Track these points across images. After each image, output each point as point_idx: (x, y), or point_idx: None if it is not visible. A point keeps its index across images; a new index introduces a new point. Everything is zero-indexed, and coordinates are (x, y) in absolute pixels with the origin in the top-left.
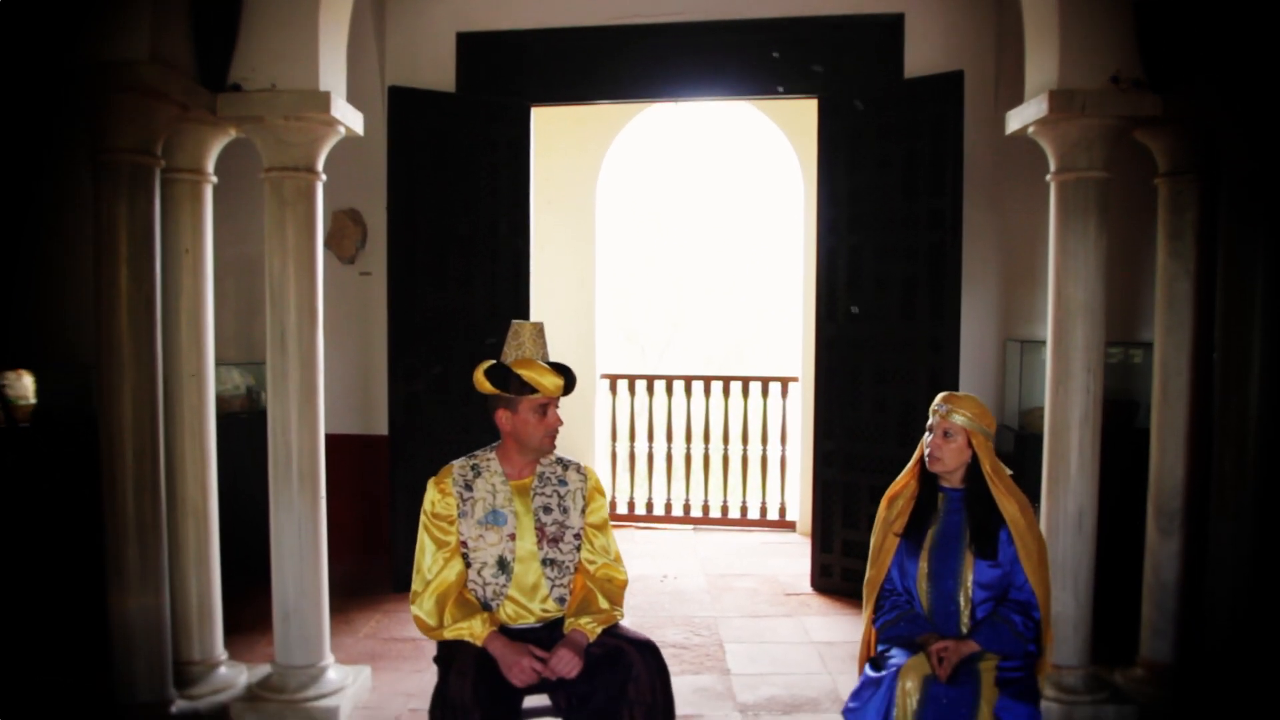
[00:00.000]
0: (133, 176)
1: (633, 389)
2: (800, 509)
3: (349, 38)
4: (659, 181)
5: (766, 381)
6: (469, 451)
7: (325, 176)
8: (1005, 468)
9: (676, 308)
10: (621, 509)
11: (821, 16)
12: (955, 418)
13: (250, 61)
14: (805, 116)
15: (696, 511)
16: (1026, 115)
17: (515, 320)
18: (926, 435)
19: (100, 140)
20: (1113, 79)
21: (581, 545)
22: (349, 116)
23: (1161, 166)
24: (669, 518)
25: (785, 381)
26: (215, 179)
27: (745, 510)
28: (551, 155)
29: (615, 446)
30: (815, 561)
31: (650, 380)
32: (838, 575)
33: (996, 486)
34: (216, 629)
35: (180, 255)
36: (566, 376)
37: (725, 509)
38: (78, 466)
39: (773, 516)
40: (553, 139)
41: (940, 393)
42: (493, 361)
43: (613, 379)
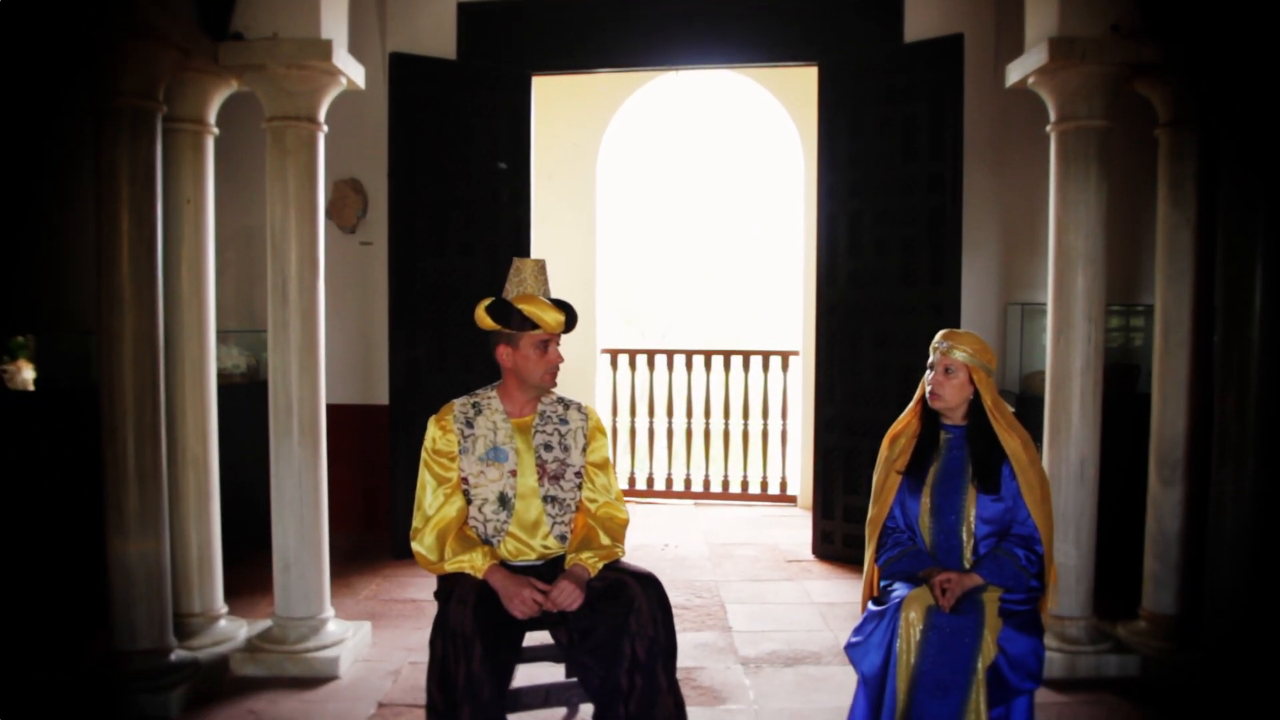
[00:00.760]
0: (134, 120)
1: (633, 364)
2: (801, 483)
3: (350, 5)
4: (658, 160)
5: (767, 356)
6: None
7: (326, 128)
8: (1007, 405)
9: (676, 291)
10: (622, 484)
11: None
12: (956, 354)
13: (252, 11)
14: (805, 87)
15: (698, 486)
16: (1027, 65)
17: (517, 257)
18: (928, 373)
19: (102, 85)
20: (1113, 27)
21: (582, 484)
22: (350, 68)
23: (1162, 116)
24: (670, 493)
25: (786, 356)
26: (217, 130)
27: (746, 485)
28: (552, 130)
29: (616, 422)
30: (816, 529)
31: (651, 355)
32: (839, 542)
33: (998, 422)
34: (216, 582)
35: (182, 205)
36: (568, 312)
37: (726, 484)
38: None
39: (774, 491)
40: (553, 114)
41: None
42: (494, 298)
43: (613, 354)
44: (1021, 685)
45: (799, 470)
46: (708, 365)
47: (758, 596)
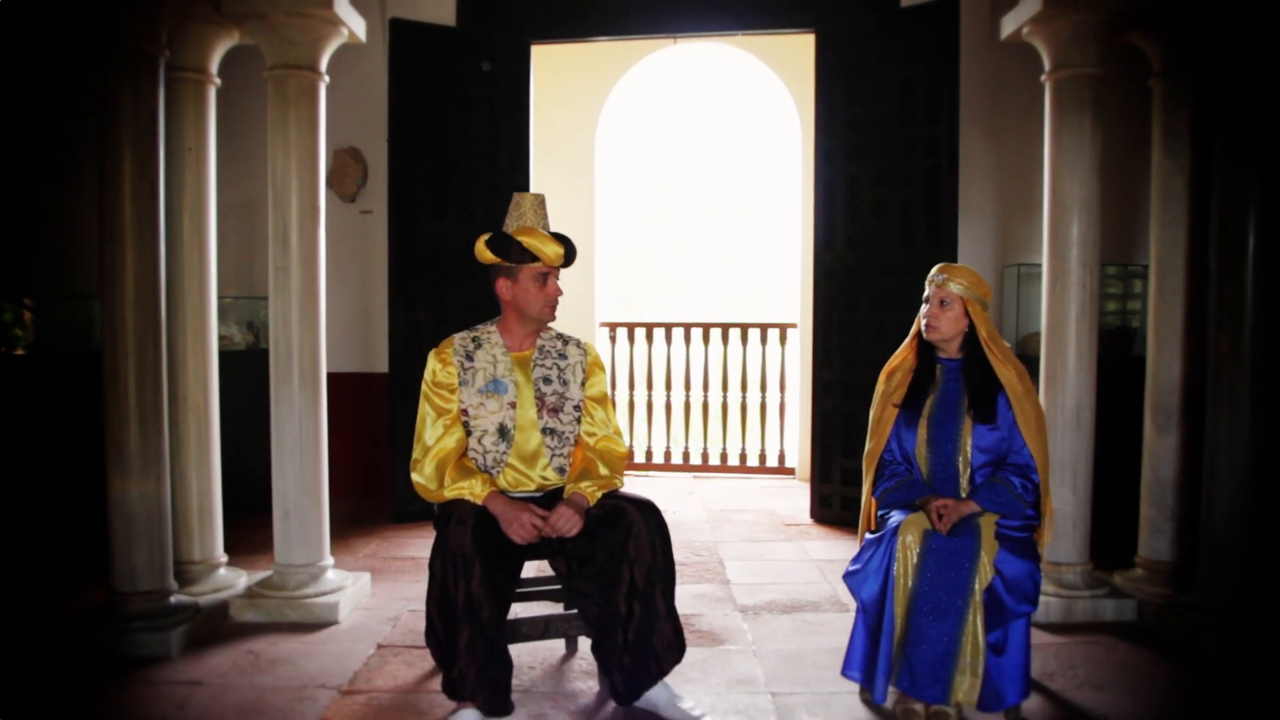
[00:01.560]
0: (136, 64)
1: (632, 337)
2: (800, 456)
3: None
4: (656, 137)
5: (765, 328)
6: None
7: (328, 78)
8: (1002, 338)
9: (674, 271)
10: None
11: None
12: (951, 286)
13: None
14: (802, 59)
15: (696, 459)
16: (1021, 15)
17: (517, 192)
18: (923, 306)
19: (104, 30)
20: None
21: (581, 418)
22: (351, 19)
23: (1155, 67)
24: (669, 465)
25: (784, 329)
26: (219, 81)
27: (745, 457)
28: (551, 107)
29: (615, 395)
30: (814, 494)
31: (649, 329)
32: (837, 506)
33: (994, 353)
34: (217, 530)
35: (183, 154)
36: (567, 245)
37: (725, 456)
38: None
39: (772, 464)
40: (552, 90)
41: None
42: (493, 232)
43: (612, 327)
44: (1018, 608)
45: (797, 443)
46: (706, 339)
47: (756, 555)
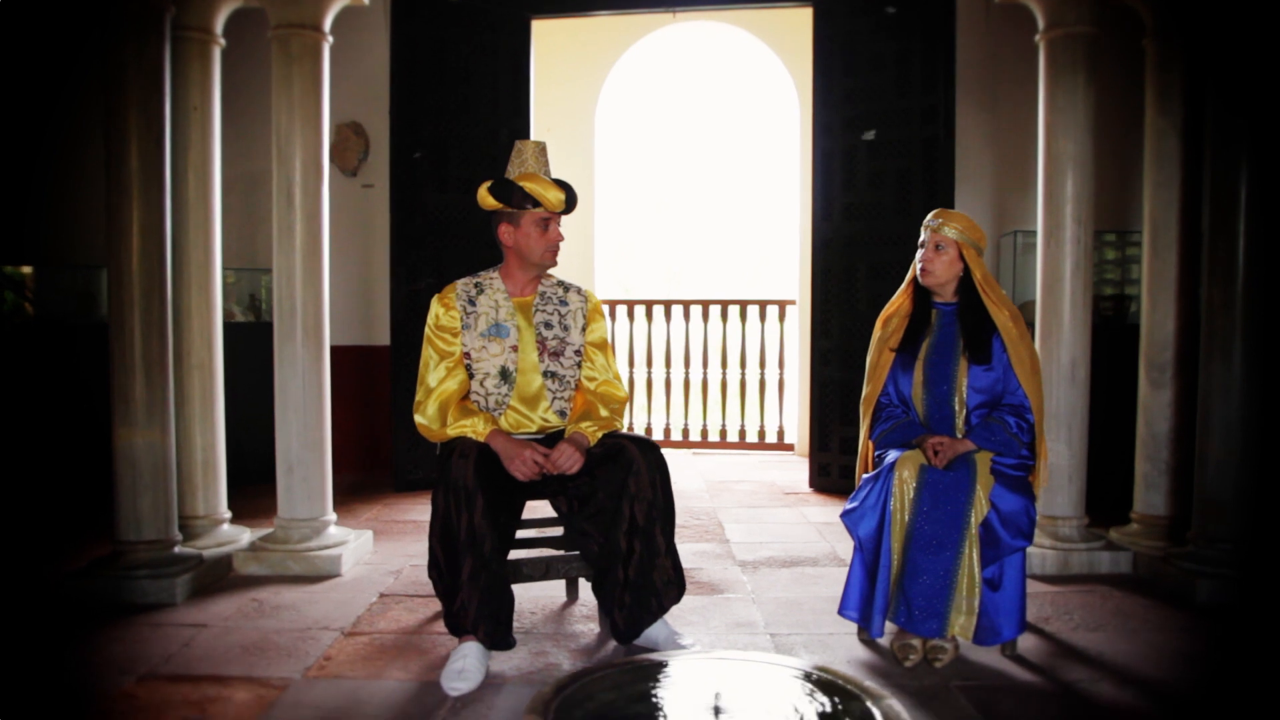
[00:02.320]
0: (142, 19)
1: (631, 315)
2: (799, 432)
3: None
4: (655, 117)
5: (764, 305)
6: None
7: (332, 39)
8: (997, 283)
9: (673, 254)
10: None
11: None
12: (946, 230)
13: None
14: (800, 36)
15: (696, 436)
16: None
17: (518, 139)
18: (919, 251)
19: None
20: None
21: (582, 363)
22: None
23: (1148, 26)
24: (668, 442)
25: (783, 305)
26: (223, 42)
27: (744, 433)
28: (551, 83)
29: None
30: (813, 462)
31: (649, 306)
32: (835, 474)
33: (988, 296)
34: (220, 486)
35: (189, 112)
36: (568, 191)
37: (724, 432)
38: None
39: (771, 439)
40: (552, 67)
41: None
42: (495, 178)
43: (611, 305)
44: (1013, 542)
45: (796, 419)
46: (705, 316)
47: (755, 518)
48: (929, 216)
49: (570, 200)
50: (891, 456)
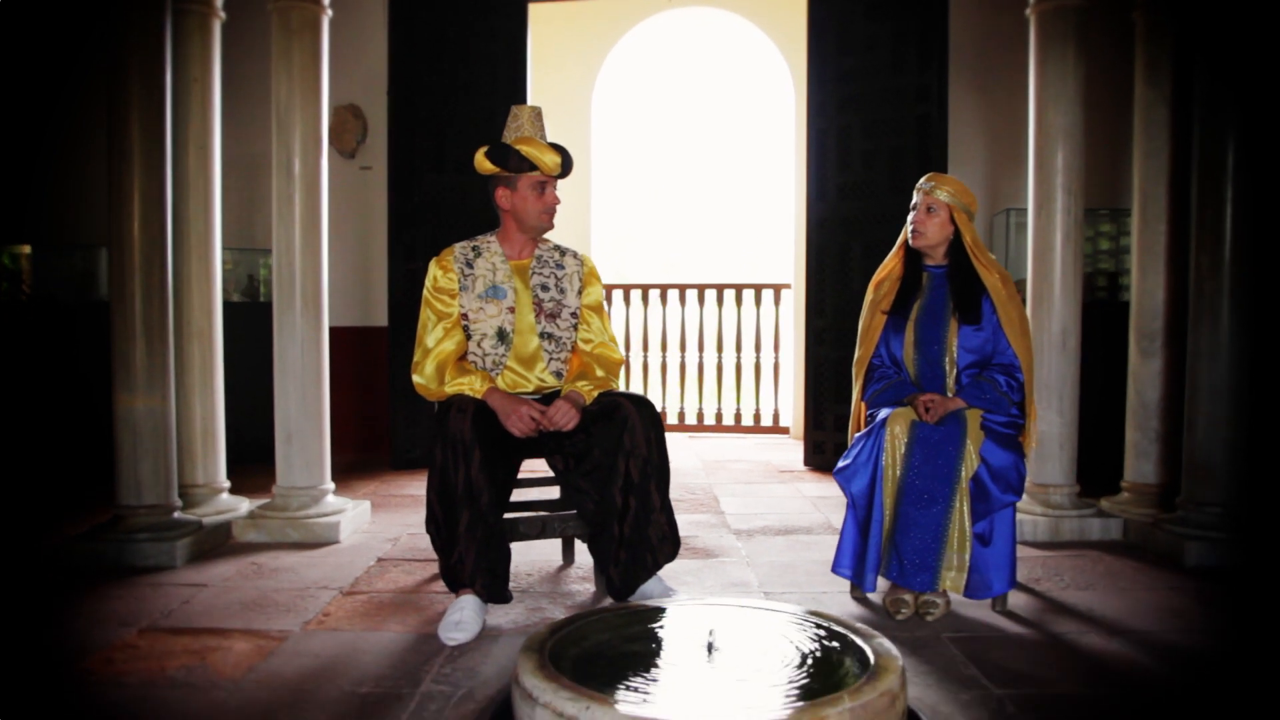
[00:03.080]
0: None
1: (628, 299)
2: (794, 414)
3: None
4: (650, 105)
5: (759, 289)
6: None
7: (331, 12)
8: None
9: (669, 242)
10: None
11: None
12: (938, 193)
13: None
14: (794, 21)
15: (691, 419)
16: None
17: (515, 105)
18: (910, 214)
19: None
20: None
21: (578, 326)
22: None
23: None
24: (665, 426)
25: (778, 289)
26: (223, 15)
27: (739, 417)
28: (547, 69)
29: None
30: (808, 441)
31: (645, 290)
32: (830, 452)
33: (978, 259)
34: (219, 455)
35: (190, 84)
36: (564, 155)
37: (720, 416)
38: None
39: (767, 423)
40: (548, 54)
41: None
42: (492, 143)
43: (608, 289)
44: (1003, 497)
45: (791, 402)
46: (701, 300)
47: (750, 493)
48: (921, 180)
49: (566, 163)
50: (884, 414)
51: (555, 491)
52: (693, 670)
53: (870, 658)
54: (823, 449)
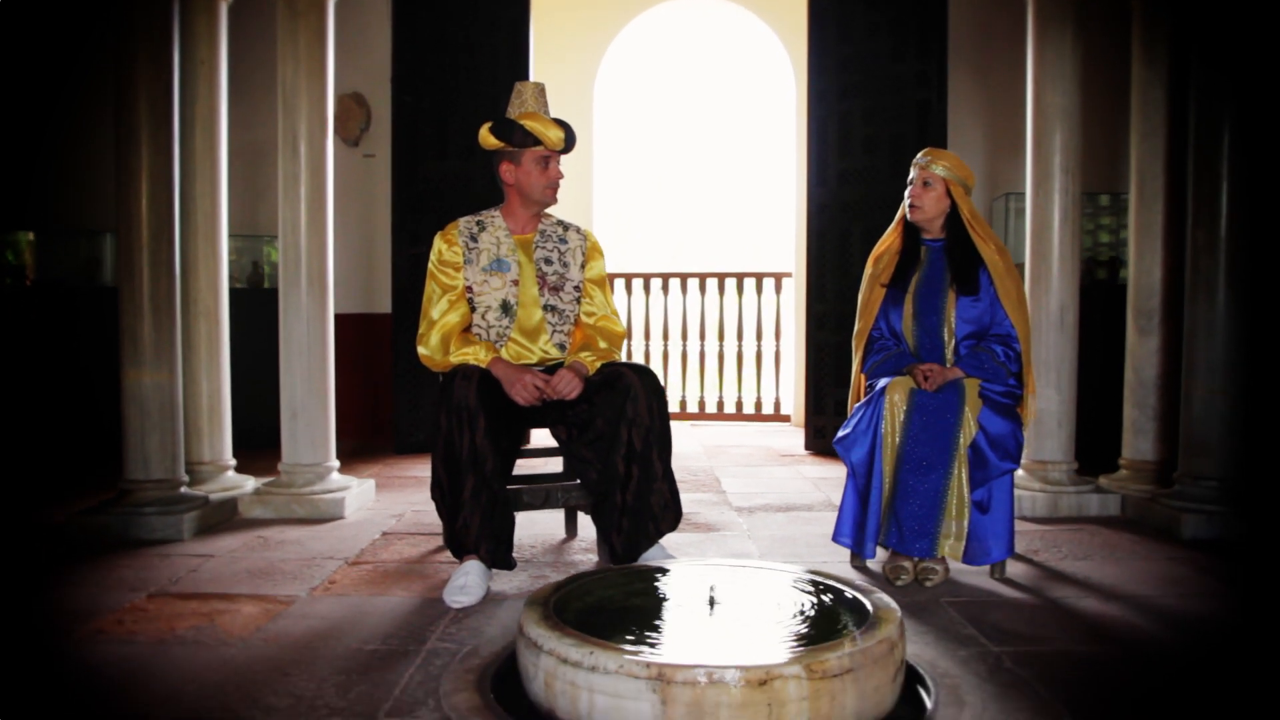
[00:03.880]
0: None
1: (629, 288)
2: (795, 402)
3: None
4: (651, 96)
5: (760, 278)
6: None
7: None
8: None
9: (671, 232)
10: None
11: None
12: (935, 168)
13: None
14: (795, 11)
15: (693, 407)
16: None
17: (518, 81)
18: (908, 189)
19: None
20: None
21: (581, 300)
22: None
23: None
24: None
25: (779, 277)
26: None
27: (741, 404)
28: (548, 60)
29: None
30: (809, 425)
31: (646, 279)
32: (830, 436)
33: (975, 232)
34: (226, 433)
35: (196, 65)
36: (567, 130)
37: (721, 403)
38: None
39: (768, 410)
40: (550, 45)
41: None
42: (496, 119)
43: (611, 278)
44: (1001, 464)
45: (793, 390)
46: (702, 288)
47: (751, 475)
48: (919, 155)
49: (570, 138)
50: (883, 382)
51: (558, 464)
52: (695, 621)
53: (869, 609)
54: (824, 433)
